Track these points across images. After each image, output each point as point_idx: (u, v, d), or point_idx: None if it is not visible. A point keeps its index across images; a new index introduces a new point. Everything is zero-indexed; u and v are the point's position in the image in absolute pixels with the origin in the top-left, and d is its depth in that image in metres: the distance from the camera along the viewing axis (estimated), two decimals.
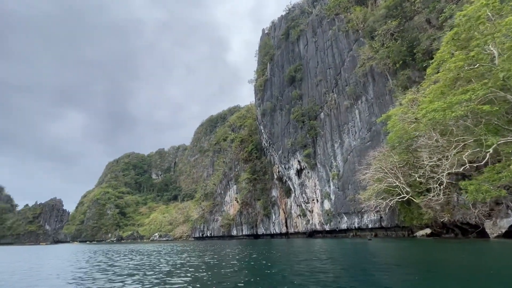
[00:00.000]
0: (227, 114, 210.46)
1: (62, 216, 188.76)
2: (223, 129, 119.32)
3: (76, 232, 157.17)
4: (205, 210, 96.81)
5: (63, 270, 13.73)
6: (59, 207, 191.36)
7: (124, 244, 70.41)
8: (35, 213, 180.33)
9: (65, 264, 17.62)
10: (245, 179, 79.58)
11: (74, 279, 10.35)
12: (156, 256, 19.87)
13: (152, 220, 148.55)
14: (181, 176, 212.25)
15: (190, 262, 15.05)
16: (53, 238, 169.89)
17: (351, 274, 9.00)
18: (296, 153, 52.62)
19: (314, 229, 49.91)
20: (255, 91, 74.36)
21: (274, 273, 9.88)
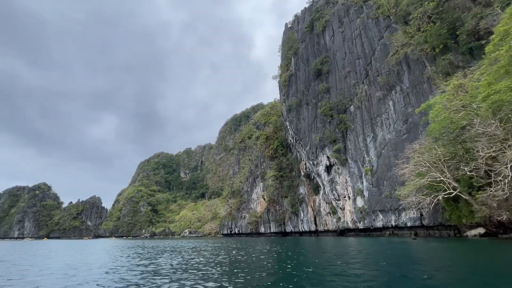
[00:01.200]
0: (250, 112, 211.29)
1: (101, 213, 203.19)
2: (248, 127, 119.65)
3: (114, 228, 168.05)
4: (232, 208, 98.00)
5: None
6: (98, 204, 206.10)
7: (160, 240, 73.43)
8: (78, 210, 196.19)
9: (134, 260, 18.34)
10: (271, 177, 79.02)
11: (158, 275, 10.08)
12: (205, 252, 20.05)
13: (182, 217, 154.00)
14: (208, 175, 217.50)
15: (228, 259, 14.84)
16: (94, 233, 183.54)
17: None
18: (324, 148, 50.85)
19: (346, 227, 47.96)
20: (279, 87, 73.25)
21: (322, 275, 9.17)
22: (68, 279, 9.35)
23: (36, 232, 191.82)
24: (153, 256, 17.65)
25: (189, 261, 14.38)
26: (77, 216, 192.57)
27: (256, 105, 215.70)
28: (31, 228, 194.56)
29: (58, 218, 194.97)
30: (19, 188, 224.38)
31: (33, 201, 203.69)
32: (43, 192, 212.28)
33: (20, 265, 14.34)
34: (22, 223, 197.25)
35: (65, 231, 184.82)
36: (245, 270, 10.28)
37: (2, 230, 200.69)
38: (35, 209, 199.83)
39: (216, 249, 22.71)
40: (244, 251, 19.55)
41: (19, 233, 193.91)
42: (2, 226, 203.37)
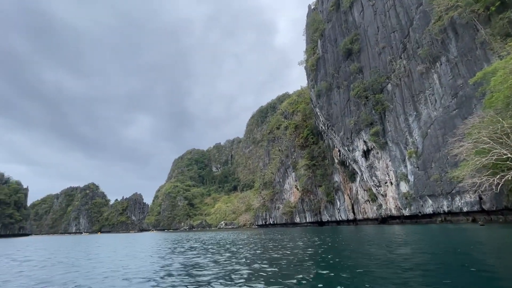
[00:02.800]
0: (276, 103, 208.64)
1: (143, 208, 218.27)
2: (275, 118, 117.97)
3: (155, 222, 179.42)
4: (265, 199, 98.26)
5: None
6: (140, 200, 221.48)
7: (203, 232, 76.14)
8: (123, 206, 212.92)
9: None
10: (303, 166, 77.22)
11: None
12: (253, 244, 19.85)
13: (217, 209, 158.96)
14: (238, 168, 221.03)
15: (277, 248, 14.24)
16: (138, 227, 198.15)
17: None
18: (360, 132, 47.79)
19: (389, 215, 45.02)
20: (306, 72, 70.34)
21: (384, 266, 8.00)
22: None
23: (90, 227, 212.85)
24: (226, 251, 17.66)
25: (263, 252, 14.00)
26: (123, 212, 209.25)
27: (282, 95, 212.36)
28: (86, 223, 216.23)
29: (107, 214, 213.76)
30: (73, 188, 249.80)
31: (85, 199, 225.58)
32: (93, 191, 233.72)
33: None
34: (78, 219, 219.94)
35: (113, 226, 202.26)
36: (328, 263, 9.46)
37: (62, 226, 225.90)
38: (87, 206, 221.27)
39: (268, 240, 22.30)
40: (293, 242, 18.84)
41: (76, 229, 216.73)
42: (62, 223, 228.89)
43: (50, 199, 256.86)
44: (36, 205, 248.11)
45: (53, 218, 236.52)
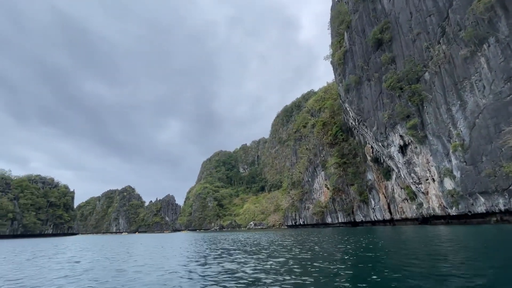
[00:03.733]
0: (301, 101, 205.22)
1: (175, 209, 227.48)
2: (301, 116, 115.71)
3: (187, 222, 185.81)
4: (294, 199, 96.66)
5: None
6: (172, 202, 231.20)
7: (234, 233, 77.01)
8: (157, 207, 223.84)
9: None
10: (333, 164, 74.55)
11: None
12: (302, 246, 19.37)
13: (246, 210, 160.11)
14: (265, 168, 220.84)
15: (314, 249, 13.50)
16: (171, 227, 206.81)
17: None
18: (396, 126, 44.65)
19: (432, 214, 41.42)
20: (333, 66, 67.81)
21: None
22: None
23: (128, 228, 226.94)
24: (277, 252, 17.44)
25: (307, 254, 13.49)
26: (157, 213, 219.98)
27: (307, 93, 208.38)
28: (124, 224, 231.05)
29: (143, 215, 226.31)
30: (112, 191, 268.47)
31: (123, 201, 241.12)
32: (129, 194, 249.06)
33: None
34: (117, 220, 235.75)
35: (149, 226, 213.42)
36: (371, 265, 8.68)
37: (104, 226, 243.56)
38: (125, 208, 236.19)
39: (303, 242, 21.57)
40: (331, 243, 17.89)
41: (116, 229, 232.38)
42: (104, 223, 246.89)
43: (93, 201, 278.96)
44: (81, 207, 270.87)
45: (96, 219, 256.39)
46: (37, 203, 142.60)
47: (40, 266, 12.67)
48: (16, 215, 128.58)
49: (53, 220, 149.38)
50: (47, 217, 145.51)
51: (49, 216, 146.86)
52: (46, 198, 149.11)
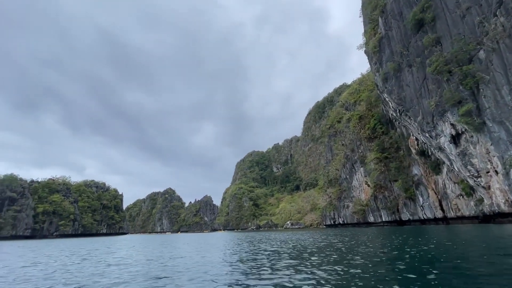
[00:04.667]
0: (334, 96, 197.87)
1: (213, 210, 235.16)
2: (335, 111, 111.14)
3: (225, 222, 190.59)
4: (332, 197, 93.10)
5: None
6: (210, 202, 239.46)
7: (271, 232, 77.06)
8: (196, 208, 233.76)
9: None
10: (373, 160, 70.11)
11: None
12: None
13: (282, 209, 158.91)
14: (299, 167, 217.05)
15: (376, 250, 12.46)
16: (210, 227, 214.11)
17: None
18: (445, 114, 40.11)
19: (496, 211, 36.36)
20: (368, 56, 63.73)
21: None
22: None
23: (171, 227, 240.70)
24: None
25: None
26: (196, 213, 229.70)
27: (339, 87, 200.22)
28: (167, 224, 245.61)
29: (183, 216, 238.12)
30: (155, 193, 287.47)
31: (165, 203, 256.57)
32: (171, 195, 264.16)
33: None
34: (161, 220, 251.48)
35: (190, 226, 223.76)
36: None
37: (149, 226, 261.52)
38: (167, 209, 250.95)
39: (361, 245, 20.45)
40: (389, 246, 16.53)
41: (160, 228, 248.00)
42: (149, 223, 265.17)
43: (139, 203, 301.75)
44: (129, 209, 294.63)
45: (142, 219, 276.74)
46: (92, 206, 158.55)
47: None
48: (76, 216, 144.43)
49: (106, 221, 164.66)
50: (101, 218, 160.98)
51: (103, 217, 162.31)
52: (100, 201, 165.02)
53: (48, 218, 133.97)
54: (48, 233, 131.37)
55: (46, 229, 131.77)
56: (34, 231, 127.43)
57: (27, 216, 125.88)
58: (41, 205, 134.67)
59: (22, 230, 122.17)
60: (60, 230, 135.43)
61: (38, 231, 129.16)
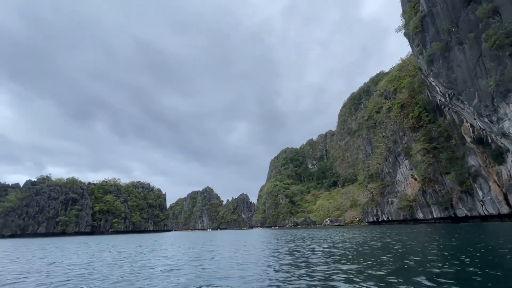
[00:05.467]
0: (370, 86, 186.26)
1: (250, 207, 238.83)
2: (373, 101, 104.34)
3: (262, 219, 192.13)
4: (373, 193, 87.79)
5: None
6: (247, 200, 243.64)
7: (312, 230, 76.02)
8: (234, 205, 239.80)
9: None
10: (419, 151, 64.25)
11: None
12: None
13: (319, 206, 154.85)
14: (336, 162, 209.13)
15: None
16: (248, 224, 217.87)
17: None
18: (509, 94, 34.78)
19: None
20: (409, 38, 58.33)
21: None
22: None
23: (211, 225, 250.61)
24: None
25: None
26: (234, 210, 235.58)
27: (376, 76, 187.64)
28: (207, 221, 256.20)
29: (222, 213, 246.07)
30: (195, 192, 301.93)
31: (204, 201, 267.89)
32: (209, 194, 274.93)
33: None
34: (201, 218, 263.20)
35: (228, 223, 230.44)
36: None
37: (191, 223, 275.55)
38: (207, 207, 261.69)
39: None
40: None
41: (201, 226, 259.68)
42: (191, 221, 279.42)
43: (181, 202, 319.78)
44: (172, 207, 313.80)
45: (184, 217, 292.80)
46: (140, 205, 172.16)
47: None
48: (126, 214, 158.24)
49: (153, 219, 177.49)
50: (148, 216, 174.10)
51: (149, 215, 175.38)
52: (146, 200, 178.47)
53: (104, 216, 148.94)
54: (104, 230, 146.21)
55: (102, 226, 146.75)
56: (93, 228, 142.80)
57: (87, 215, 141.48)
58: (97, 205, 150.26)
59: (83, 227, 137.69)
60: (114, 227, 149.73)
61: (96, 227, 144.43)
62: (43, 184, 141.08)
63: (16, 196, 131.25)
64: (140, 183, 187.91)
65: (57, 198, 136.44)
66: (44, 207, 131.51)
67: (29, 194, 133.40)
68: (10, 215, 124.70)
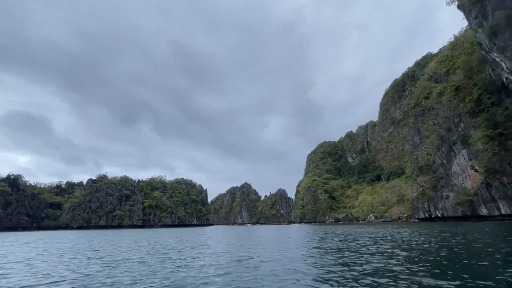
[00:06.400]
0: (415, 70, 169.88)
1: (288, 202, 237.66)
2: (421, 86, 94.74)
3: (301, 215, 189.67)
4: (424, 187, 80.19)
5: None
6: (284, 195, 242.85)
7: (357, 226, 73.24)
8: (272, 201, 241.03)
9: None
10: (481, 138, 56.56)
11: None
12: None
13: (362, 202, 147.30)
14: (378, 155, 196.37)
15: None
16: (287, 220, 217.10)
17: None
18: None
19: None
20: (464, 10, 51.29)
21: None
22: None
23: (250, 219, 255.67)
24: None
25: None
26: (272, 206, 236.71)
27: (422, 58, 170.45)
28: (247, 216, 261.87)
29: (260, 208, 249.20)
30: (234, 188, 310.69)
31: (243, 196, 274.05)
32: (247, 189, 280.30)
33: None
34: (241, 213, 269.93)
35: (267, 218, 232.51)
36: None
37: (231, 218, 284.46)
38: (246, 202, 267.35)
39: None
40: None
41: (241, 220, 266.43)
42: (231, 216, 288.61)
43: (221, 197, 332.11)
44: (213, 202, 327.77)
45: (225, 212, 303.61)
46: (184, 200, 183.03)
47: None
48: (172, 209, 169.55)
49: (196, 213, 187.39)
50: (191, 210, 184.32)
51: (192, 210, 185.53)
52: (189, 196, 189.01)
53: (153, 211, 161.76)
54: (153, 223, 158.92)
55: (152, 220, 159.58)
56: (144, 222, 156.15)
57: (138, 210, 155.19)
58: (146, 200, 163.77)
59: (136, 221, 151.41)
60: (162, 221, 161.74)
61: (146, 221, 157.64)
62: (101, 182, 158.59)
63: (80, 193, 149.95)
64: (183, 180, 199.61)
65: (113, 195, 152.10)
66: (103, 203, 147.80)
67: (90, 191, 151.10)
68: (77, 209, 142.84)
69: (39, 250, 19.18)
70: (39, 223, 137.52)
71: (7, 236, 54.11)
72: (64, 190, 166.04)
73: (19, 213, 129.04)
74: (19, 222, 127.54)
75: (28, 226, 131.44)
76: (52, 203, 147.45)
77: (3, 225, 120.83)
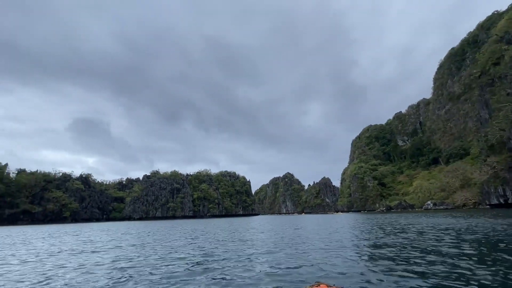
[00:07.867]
0: (479, 34, 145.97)
1: (334, 191, 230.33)
2: (489, 50, 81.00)
3: (349, 204, 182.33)
4: (497, 168, 69.49)
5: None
6: (329, 184, 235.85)
7: (414, 215, 67.96)
8: (316, 190, 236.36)
9: None
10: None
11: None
12: None
13: (417, 188, 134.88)
14: (434, 136, 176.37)
15: None
16: (333, 209, 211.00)
17: None
18: None
19: None
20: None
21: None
22: None
23: (295, 209, 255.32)
24: None
25: None
26: (317, 195, 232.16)
27: (487, 19, 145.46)
28: (291, 206, 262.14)
29: (305, 198, 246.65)
30: (276, 178, 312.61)
31: (286, 186, 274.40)
32: (290, 179, 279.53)
33: None
34: (285, 203, 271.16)
35: (312, 208, 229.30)
36: None
37: (276, 208, 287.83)
38: (289, 192, 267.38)
39: None
40: None
41: (285, 210, 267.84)
42: (275, 205, 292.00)
43: (264, 188, 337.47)
44: (257, 193, 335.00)
45: (269, 202, 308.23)
46: (229, 192, 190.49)
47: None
48: (219, 200, 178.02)
49: (241, 204, 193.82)
50: (237, 201, 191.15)
51: (238, 200, 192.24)
52: (234, 187, 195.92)
53: (201, 202, 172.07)
54: (203, 214, 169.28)
55: (201, 210, 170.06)
56: (194, 212, 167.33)
57: (189, 201, 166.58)
58: (195, 193, 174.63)
59: (187, 212, 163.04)
60: (210, 211, 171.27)
61: (196, 212, 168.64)
62: (154, 177, 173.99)
63: (138, 188, 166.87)
64: (227, 172, 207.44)
65: (166, 188, 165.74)
66: (157, 196, 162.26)
67: (146, 186, 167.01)
68: (137, 202, 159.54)
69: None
70: (108, 215, 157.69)
71: (100, 225, 62.79)
72: (125, 185, 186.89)
73: (92, 206, 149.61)
74: (92, 214, 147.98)
75: (100, 217, 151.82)
76: (116, 197, 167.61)
77: (81, 217, 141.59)
